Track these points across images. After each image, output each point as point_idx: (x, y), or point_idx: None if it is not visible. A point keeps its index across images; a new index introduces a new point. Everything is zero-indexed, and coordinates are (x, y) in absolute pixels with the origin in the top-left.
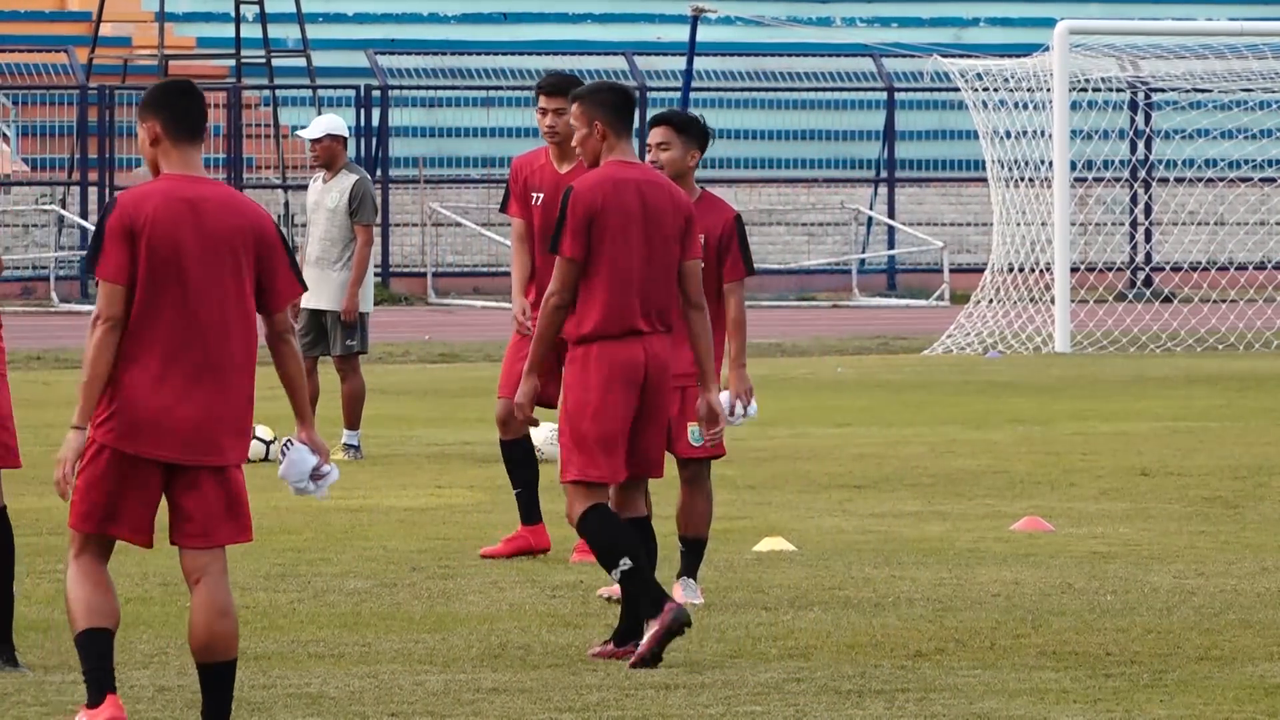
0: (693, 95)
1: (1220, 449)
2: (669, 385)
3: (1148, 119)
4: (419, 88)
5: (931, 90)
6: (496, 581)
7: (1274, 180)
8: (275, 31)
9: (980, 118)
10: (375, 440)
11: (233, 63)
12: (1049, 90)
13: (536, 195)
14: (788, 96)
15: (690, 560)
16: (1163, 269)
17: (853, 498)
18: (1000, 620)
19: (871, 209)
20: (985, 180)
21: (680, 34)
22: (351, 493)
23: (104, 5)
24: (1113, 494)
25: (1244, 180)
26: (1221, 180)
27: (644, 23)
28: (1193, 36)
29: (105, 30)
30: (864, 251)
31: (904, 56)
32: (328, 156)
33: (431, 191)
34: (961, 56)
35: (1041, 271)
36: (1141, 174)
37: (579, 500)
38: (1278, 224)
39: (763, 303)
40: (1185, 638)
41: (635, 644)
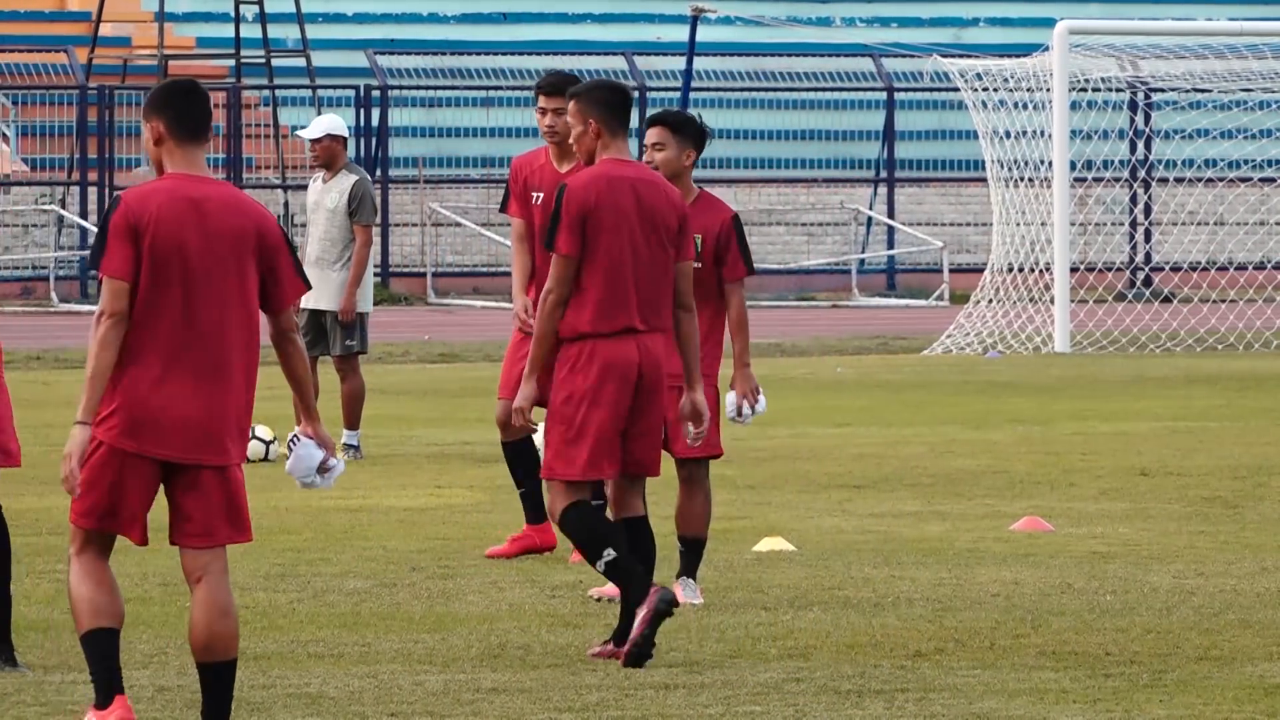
0: (692, 95)
1: (1220, 449)
2: (664, 384)
3: (1147, 119)
4: (419, 88)
5: (931, 90)
6: (496, 581)
7: (1274, 180)
8: (275, 31)
9: (980, 118)
10: (375, 440)
11: (232, 63)
12: (1049, 90)
13: (536, 195)
14: (787, 96)
15: (689, 560)
16: (1162, 269)
17: (852, 498)
18: (1000, 620)
19: (871, 209)
20: (985, 180)
21: (680, 34)
22: (351, 493)
23: (104, 5)
24: (1112, 494)
25: (1244, 180)
26: (1221, 180)
27: (644, 23)
28: (1192, 36)
29: (105, 30)
30: (864, 251)
31: (904, 56)
32: (327, 156)
33: (431, 191)
34: (961, 56)
35: (1041, 271)
36: (1141, 174)
37: (560, 497)
38: (1278, 224)
39: (762, 303)
40: (1185, 638)
41: None
